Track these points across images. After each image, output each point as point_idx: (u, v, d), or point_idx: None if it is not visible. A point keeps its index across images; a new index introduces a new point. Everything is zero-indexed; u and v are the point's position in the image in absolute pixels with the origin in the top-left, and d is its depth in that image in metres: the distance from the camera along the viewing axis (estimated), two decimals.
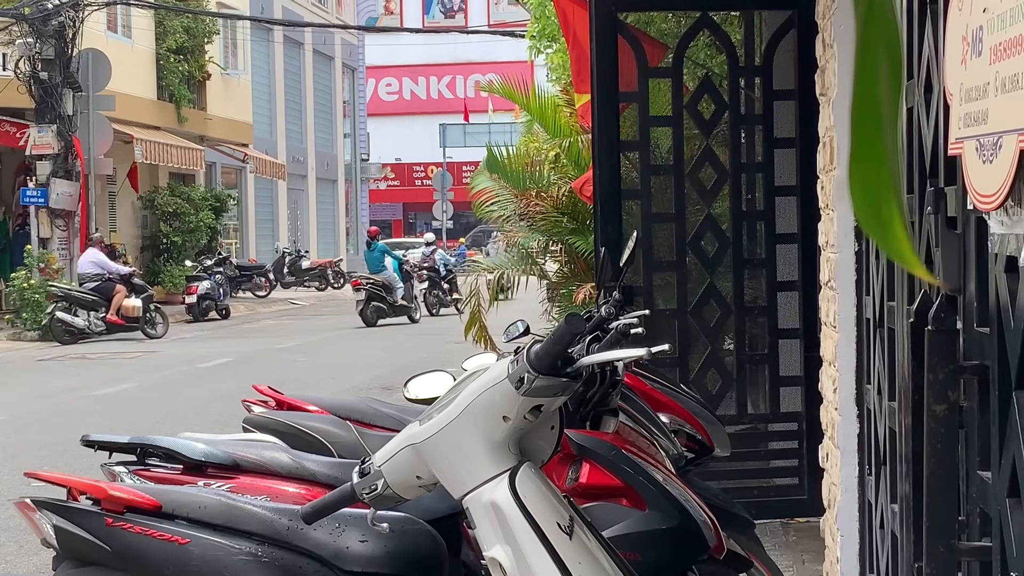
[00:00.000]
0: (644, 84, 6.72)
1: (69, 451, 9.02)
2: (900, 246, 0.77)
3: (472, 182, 10.90)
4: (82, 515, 3.12)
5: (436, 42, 49.81)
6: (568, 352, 2.47)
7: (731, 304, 6.82)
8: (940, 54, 2.65)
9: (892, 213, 0.77)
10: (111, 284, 21.01)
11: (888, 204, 0.76)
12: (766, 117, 6.86)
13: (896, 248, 0.77)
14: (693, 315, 6.77)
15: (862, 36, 0.75)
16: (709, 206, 6.88)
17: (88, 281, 21.13)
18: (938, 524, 2.45)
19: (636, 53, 6.67)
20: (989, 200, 2.22)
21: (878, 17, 0.74)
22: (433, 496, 2.81)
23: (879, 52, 0.74)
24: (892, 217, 0.77)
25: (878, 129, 0.75)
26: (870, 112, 0.75)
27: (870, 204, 0.77)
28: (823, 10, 4.66)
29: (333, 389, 13.04)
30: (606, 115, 6.58)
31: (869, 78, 0.75)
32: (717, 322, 6.82)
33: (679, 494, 3.51)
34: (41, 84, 22.35)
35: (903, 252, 0.77)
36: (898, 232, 0.77)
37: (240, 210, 34.83)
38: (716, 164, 6.93)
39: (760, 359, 6.98)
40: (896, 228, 0.77)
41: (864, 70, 0.75)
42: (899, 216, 0.77)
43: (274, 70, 38.43)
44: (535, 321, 6.20)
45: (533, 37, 15.70)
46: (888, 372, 3.41)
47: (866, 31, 0.74)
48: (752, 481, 6.92)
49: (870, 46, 0.74)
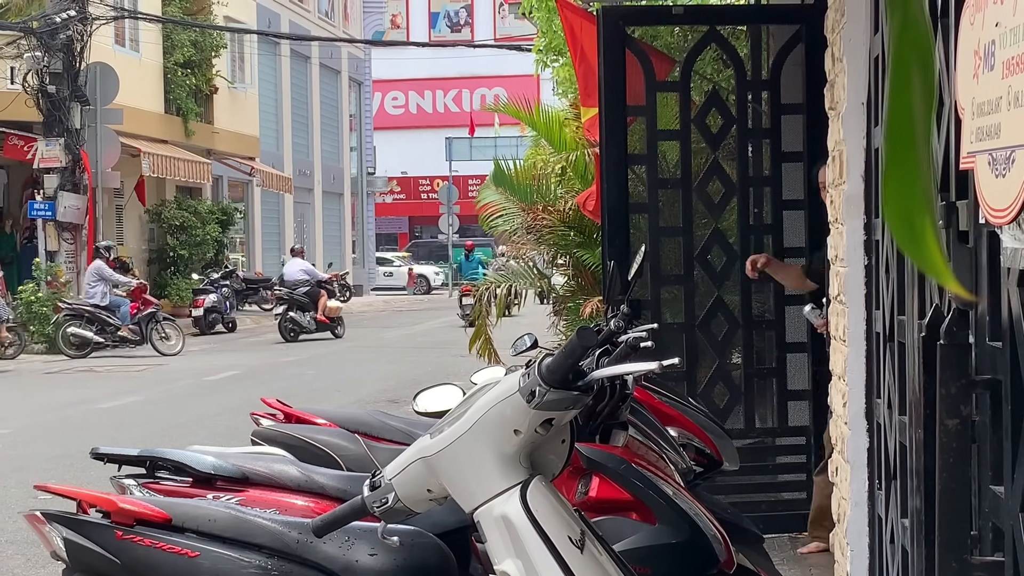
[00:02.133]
0: (652, 98, 6.73)
1: (77, 464, 9.02)
2: (933, 259, 0.77)
3: (479, 196, 10.91)
4: (92, 528, 3.12)
5: (442, 56, 49.91)
6: (579, 366, 2.47)
7: (739, 318, 6.82)
8: (952, 68, 2.65)
9: (925, 227, 0.77)
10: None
11: (921, 218, 0.77)
12: (774, 131, 6.86)
13: (930, 261, 0.78)
14: (701, 329, 6.77)
15: (896, 52, 0.75)
16: (717, 220, 6.88)
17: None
18: (950, 539, 2.44)
19: (644, 67, 6.68)
20: (1001, 214, 2.21)
21: (912, 33, 0.74)
22: (442, 509, 2.81)
23: (913, 67, 0.75)
24: (925, 231, 0.77)
25: (912, 144, 0.76)
26: (904, 127, 0.75)
27: (904, 218, 0.77)
28: (832, 24, 4.66)
29: (340, 402, 13.05)
30: (614, 129, 6.59)
31: (903, 93, 0.75)
32: (725, 336, 6.82)
33: (689, 508, 3.51)
34: (49, 98, 22.42)
35: (937, 265, 0.78)
36: (931, 246, 0.77)
37: (247, 223, 34.87)
38: (724, 178, 6.93)
39: (768, 373, 6.96)
40: (929, 241, 0.77)
41: (898, 85, 0.75)
42: (932, 230, 0.77)
43: (281, 84, 38.50)
44: (540, 335, 6.20)
45: (540, 51, 15.73)
46: (898, 386, 3.41)
47: (900, 47, 0.75)
48: (760, 495, 6.91)
49: (904, 61, 0.74)
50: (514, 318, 9.85)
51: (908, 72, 0.75)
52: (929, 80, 0.76)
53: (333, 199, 44.04)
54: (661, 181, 6.97)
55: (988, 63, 2.31)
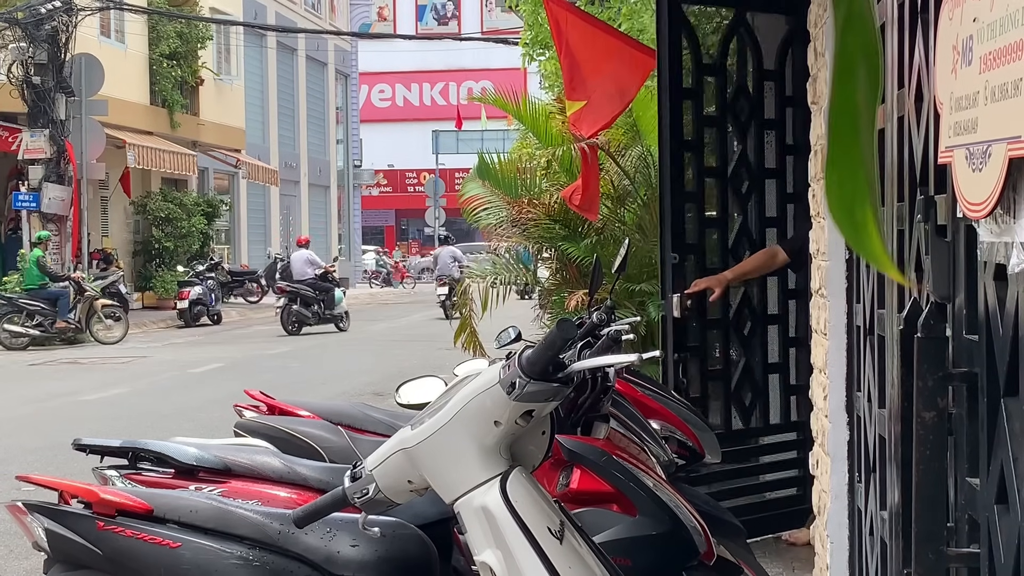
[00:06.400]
0: (699, 81, 6.46)
1: (60, 455, 9.01)
2: (874, 248, 0.79)
3: (462, 188, 10.89)
4: (73, 518, 3.12)
5: (429, 49, 49.85)
6: (560, 358, 2.48)
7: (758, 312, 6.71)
8: (931, 63, 2.66)
9: (866, 216, 0.78)
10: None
11: (863, 207, 0.78)
12: (779, 123, 6.73)
13: (870, 249, 0.79)
14: (733, 325, 6.57)
15: (841, 43, 0.76)
16: (744, 211, 6.65)
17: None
18: (927, 531, 2.46)
19: (693, 48, 6.47)
20: (978, 208, 2.23)
21: (857, 24, 0.75)
22: (424, 501, 2.82)
23: (857, 59, 0.76)
24: (866, 220, 0.78)
25: (855, 134, 0.77)
26: (848, 118, 0.77)
27: (845, 207, 0.78)
28: (815, 19, 4.68)
29: (325, 394, 13.04)
30: (670, 113, 6.24)
31: (847, 84, 0.76)
32: (750, 331, 6.66)
33: (669, 500, 3.52)
34: (34, 89, 22.35)
35: (877, 254, 0.79)
36: (872, 235, 0.79)
37: (232, 216, 34.82)
38: (748, 169, 6.71)
39: (773, 368, 6.85)
40: (870, 231, 0.79)
41: (842, 76, 0.76)
42: (873, 219, 0.79)
43: (267, 76, 38.43)
44: (526, 328, 6.20)
45: (526, 44, 15.71)
46: (878, 379, 3.43)
47: (845, 38, 0.76)
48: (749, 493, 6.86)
49: (849, 53, 0.76)
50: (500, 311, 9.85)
51: (852, 63, 0.76)
52: (874, 71, 0.77)
53: (319, 192, 43.98)
54: (708, 170, 6.61)
55: (966, 58, 2.33)
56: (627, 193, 9.71)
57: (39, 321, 20.43)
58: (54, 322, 20.49)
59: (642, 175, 9.55)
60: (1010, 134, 2.08)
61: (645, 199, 9.42)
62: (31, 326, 20.37)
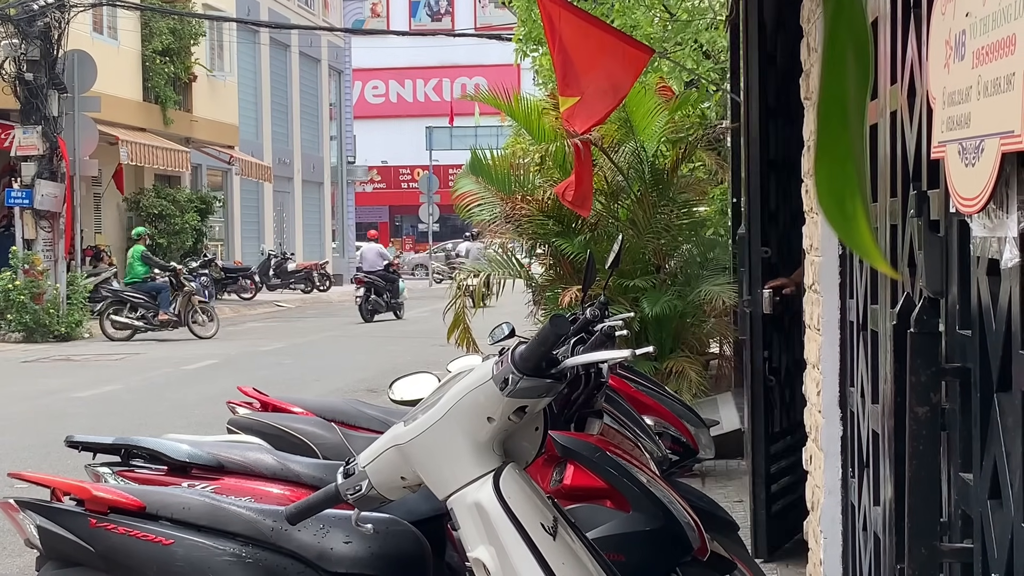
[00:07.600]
0: (765, 74, 6.31)
1: (53, 452, 8.99)
2: (864, 241, 0.78)
3: (455, 184, 10.87)
4: (66, 516, 3.11)
5: (423, 45, 49.80)
6: (553, 353, 2.48)
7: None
8: (923, 58, 2.66)
9: (856, 208, 0.78)
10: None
11: (852, 199, 0.78)
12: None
13: (859, 242, 0.79)
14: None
15: (830, 35, 0.76)
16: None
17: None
18: (920, 526, 2.46)
19: (760, 39, 6.30)
20: (971, 203, 2.23)
21: (847, 16, 0.75)
22: (417, 497, 2.82)
23: (847, 51, 0.75)
24: (856, 212, 0.78)
25: (844, 126, 0.76)
26: (837, 110, 0.76)
27: (835, 199, 0.78)
28: (807, 14, 4.67)
29: (318, 391, 13.03)
30: (759, 128, 6.14)
31: (837, 76, 0.76)
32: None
33: (663, 496, 3.52)
34: (26, 85, 22.28)
35: (867, 247, 0.79)
36: (862, 227, 0.78)
37: (226, 212, 34.76)
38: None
39: None
40: (860, 223, 0.78)
41: (832, 68, 0.76)
42: (863, 211, 0.78)
43: (260, 72, 38.36)
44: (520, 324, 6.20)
45: (519, 40, 15.71)
46: (871, 375, 3.43)
47: (835, 28, 0.75)
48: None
49: (838, 43, 0.75)
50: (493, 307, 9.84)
51: (842, 54, 0.75)
52: (864, 62, 0.77)
53: (313, 188, 43.93)
54: (771, 163, 6.42)
55: (959, 53, 2.33)
56: (620, 189, 9.71)
57: (142, 314, 21.14)
58: (156, 314, 21.13)
59: (635, 171, 9.55)
60: (1003, 129, 2.07)
61: (638, 195, 9.42)
62: (135, 318, 21.08)
